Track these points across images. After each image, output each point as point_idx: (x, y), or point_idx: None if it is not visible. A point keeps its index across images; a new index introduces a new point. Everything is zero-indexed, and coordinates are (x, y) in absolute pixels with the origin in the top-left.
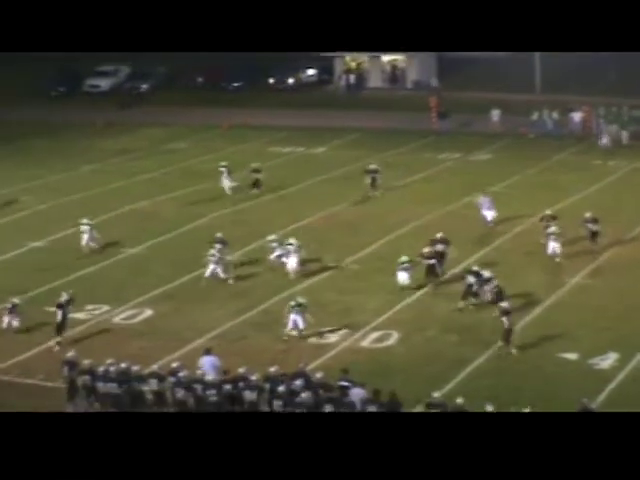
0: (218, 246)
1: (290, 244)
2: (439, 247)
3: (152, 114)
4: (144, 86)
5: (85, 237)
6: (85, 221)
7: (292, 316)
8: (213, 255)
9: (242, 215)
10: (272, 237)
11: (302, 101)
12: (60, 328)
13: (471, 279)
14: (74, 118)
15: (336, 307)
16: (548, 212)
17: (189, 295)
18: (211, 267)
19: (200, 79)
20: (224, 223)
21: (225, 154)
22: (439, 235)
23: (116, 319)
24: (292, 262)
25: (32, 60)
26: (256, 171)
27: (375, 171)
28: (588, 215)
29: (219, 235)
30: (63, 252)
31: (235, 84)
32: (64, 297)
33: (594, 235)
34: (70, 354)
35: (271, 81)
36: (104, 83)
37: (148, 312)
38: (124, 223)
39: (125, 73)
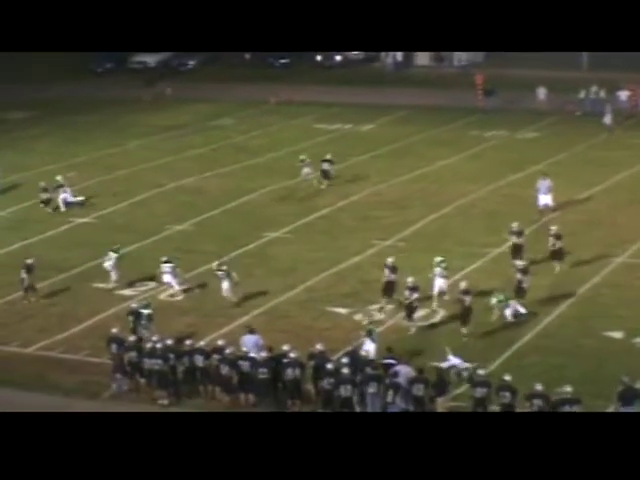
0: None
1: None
2: (515, 239)
3: (199, 90)
4: (191, 62)
5: None
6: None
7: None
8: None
9: (289, 191)
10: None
11: (349, 78)
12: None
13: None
14: (120, 94)
15: (381, 285)
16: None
17: (235, 272)
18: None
19: (247, 55)
20: (271, 200)
21: (272, 130)
22: (514, 226)
23: (162, 295)
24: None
25: None
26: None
27: (330, 161)
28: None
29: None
30: (109, 228)
31: (282, 60)
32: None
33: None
34: (116, 330)
35: (318, 58)
36: (151, 59)
37: (196, 290)
38: (170, 199)
39: None
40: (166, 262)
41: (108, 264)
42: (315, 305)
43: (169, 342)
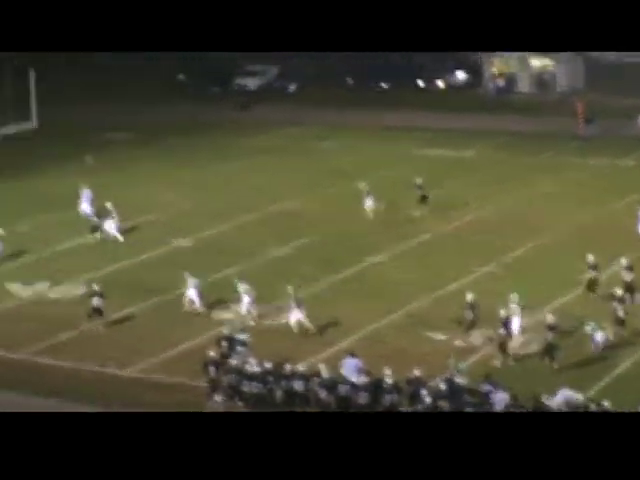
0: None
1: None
2: (626, 276)
3: (300, 113)
4: (292, 86)
5: None
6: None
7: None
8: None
9: (389, 216)
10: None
11: (451, 103)
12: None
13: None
14: (221, 117)
15: (480, 309)
16: None
17: (334, 296)
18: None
19: (349, 79)
20: (371, 224)
21: (371, 155)
22: (624, 261)
23: (260, 319)
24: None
25: (178, 59)
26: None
27: (420, 187)
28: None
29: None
30: (207, 251)
31: (384, 85)
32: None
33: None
34: (213, 353)
35: (420, 83)
36: (252, 83)
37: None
38: (270, 223)
39: (273, 73)
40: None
41: (192, 291)
42: (414, 330)
43: (268, 366)
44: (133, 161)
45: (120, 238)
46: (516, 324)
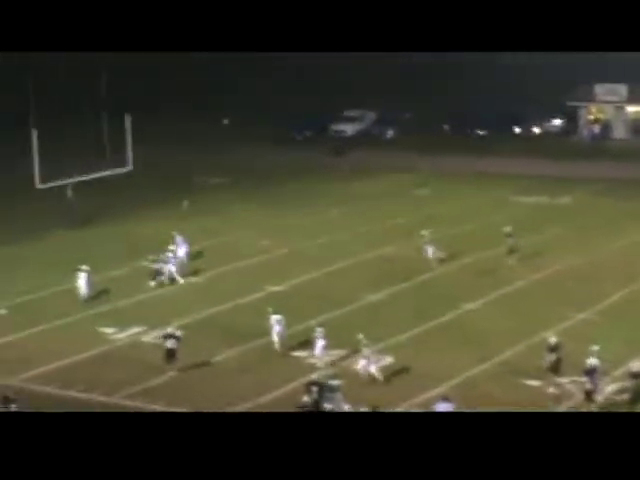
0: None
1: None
2: None
3: (397, 159)
4: (390, 132)
5: None
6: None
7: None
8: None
9: (483, 263)
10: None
11: (546, 150)
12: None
13: None
14: (319, 162)
15: (575, 357)
16: None
17: (427, 342)
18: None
19: (446, 126)
20: (465, 271)
21: (468, 201)
22: None
23: (354, 365)
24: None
25: (273, 104)
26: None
27: (510, 235)
28: None
29: None
30: (302, 296)
31: (481, 132)
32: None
33: None
34: (307, 398)
35: (517, 130)
36: (349, 128)
37: (387, 359)
38: (366, 269)
39: (371, 118)
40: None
41: (275, 329)
42: (509, 377)
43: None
44: (228, 205)
45: (180, 280)
46: (598, 374)
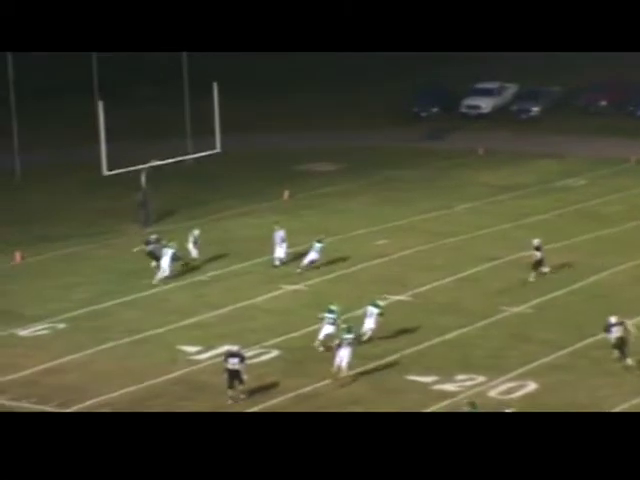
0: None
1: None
2: None
3: (544, 143)
4: (535, 109)
5: None
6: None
7: None
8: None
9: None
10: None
11: None
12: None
13: None
14: (448, 145)
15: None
16: None
17: (580, 366)
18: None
19: (603, 102)
20: (628, 279)
21: (630, 195)
22: None
23: (492, 392)
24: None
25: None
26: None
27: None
28: None
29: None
30: (428, 308)
31: None
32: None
33: None
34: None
35: None
36: (485, 103)
37: (531, 385)
38: (505, 276)
39: (512, 92)
40: None
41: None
42: None
43: None
44: (341, 197)
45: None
46: None
